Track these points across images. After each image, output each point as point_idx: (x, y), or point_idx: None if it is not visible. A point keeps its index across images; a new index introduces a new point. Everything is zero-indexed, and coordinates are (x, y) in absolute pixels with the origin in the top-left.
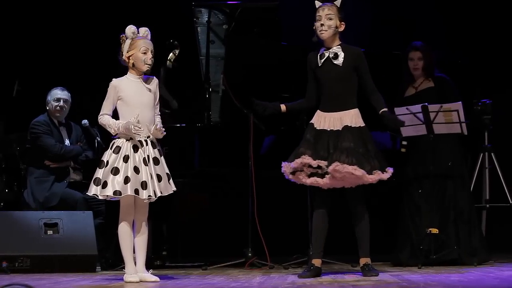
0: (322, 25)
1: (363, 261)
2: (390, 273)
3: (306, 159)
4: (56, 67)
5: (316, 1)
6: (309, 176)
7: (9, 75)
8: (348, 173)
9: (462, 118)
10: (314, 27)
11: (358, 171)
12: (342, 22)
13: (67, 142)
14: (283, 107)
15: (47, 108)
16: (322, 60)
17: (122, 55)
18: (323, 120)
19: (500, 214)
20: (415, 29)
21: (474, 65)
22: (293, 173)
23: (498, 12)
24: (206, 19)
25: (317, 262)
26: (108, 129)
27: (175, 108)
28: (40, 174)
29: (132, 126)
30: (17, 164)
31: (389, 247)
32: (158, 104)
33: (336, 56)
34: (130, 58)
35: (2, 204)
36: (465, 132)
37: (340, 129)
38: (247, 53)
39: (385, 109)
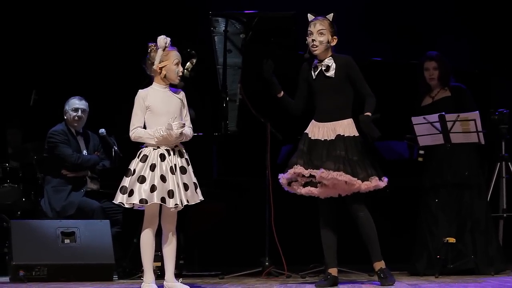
0: (313, 40)
1: (377, 265)
2: (407, 283)
3: (298, 168)
4: (74, 76)
5: (308, 15)
6: (304, 186)
7: (26, 84)
8: (334, 179)
9: (479, 128)
10: (306, 42)
11: (343, 177)
12: (335, 37)
13: (84, 151)
14: (281, 93)
15: (65, 117)
16: (316, 73)
17: (152, 64)
18: (317, 130)
19: None
20: (431, 38)
21: (491, 74)
22: (289, 183)
23: None
24: (223, 28)
25: (333, 271)
26: (148, 141)
27: (193, 117)
28: (57, 183)
29: (174, 126)
30: (34, 173)
31: (406, 257)
32: (189, 117)
33: (328, 68)
34: (163, 69)
35: (19, 213)
36: (482, 142)
37: (334, 138)
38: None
39: (366, 114)
